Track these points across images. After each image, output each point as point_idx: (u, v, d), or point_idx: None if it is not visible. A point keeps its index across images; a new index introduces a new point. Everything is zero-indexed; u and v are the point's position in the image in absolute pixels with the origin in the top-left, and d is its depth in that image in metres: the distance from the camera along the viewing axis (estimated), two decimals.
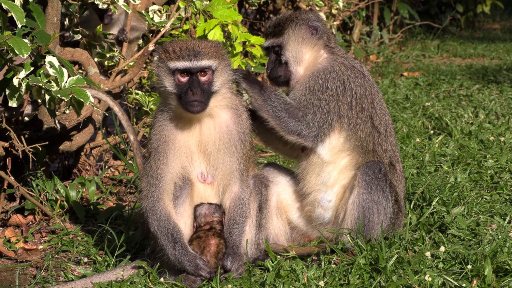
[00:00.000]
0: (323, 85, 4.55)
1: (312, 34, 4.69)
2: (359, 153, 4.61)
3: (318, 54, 4.69)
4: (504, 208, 5.22)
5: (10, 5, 4.39)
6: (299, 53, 4.67)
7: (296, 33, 4.67)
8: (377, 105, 4.67)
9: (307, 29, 4.69)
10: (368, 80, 4.68)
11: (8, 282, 4.59)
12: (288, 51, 4.68)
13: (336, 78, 4.57)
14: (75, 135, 5.80)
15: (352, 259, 4.29)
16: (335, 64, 4.62)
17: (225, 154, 4.32)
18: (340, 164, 4.64)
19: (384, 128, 4.67)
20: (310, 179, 4.68)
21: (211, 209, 4.41)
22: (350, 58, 4.74)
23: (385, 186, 4.55)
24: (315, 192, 4.69)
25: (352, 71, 4.62)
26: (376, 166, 4.54)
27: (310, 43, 4.68)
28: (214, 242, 4.32)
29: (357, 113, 4.59)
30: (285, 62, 4.69)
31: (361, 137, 4.59)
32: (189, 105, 4.15)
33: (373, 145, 4.62)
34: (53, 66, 4.58)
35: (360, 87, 4.61)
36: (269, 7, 10.39)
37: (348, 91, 4.57)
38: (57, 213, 5.50)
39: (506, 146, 6.70)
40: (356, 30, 12.40)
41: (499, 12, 19.53)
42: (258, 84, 4.57)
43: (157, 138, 4.32)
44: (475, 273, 4.01)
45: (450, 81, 10.50)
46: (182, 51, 4.15)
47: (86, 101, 4.60)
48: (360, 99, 4.60)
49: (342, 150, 4.62)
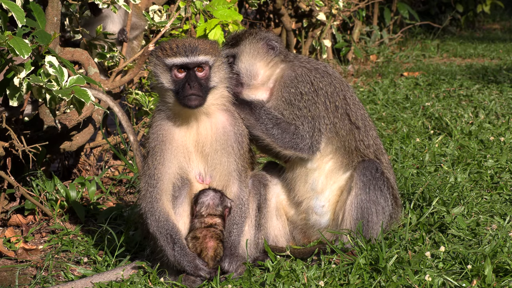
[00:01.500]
0: (296, 92, 4.50)
1: (268, 52, 4.64)
2: (342, 154, 4.60)
3: (276, 67, 4.65)
4: (504, 208, 5.22)
5: (10, 5, 4.39)
6: (252, 66, 4.61)
7: (253, 46, 4.63)
8: (350, 100, 4.64)
9: (264, 46, 4.64)
10: (335, 78, 4.65)
11: (8, 282, 4.59)
12: (241, 61, 4.62)
13: (304, 81, 4.53)
14: (75, 135, 5.80)
15: (352, 259, 4.29)
16: (296, 69, 4.59)
17: (222, 155, 4.32)
18: (325, 169, 4.62)
19: (362, 122, 4.64)
20: (299, 188, 4.68)
21: (215, 200, 4.31)
22: (312, 61, 4.69)
23: (382, 185, 4.55)
24: (306, 199, 4.68)
25: (316, 72, 4.59)
26: (372, 166, 4.54)
27: (265, 59, 4.63)
28: (212, 246, 4.28)
29: (333, 112, 4.56)
30: (236, 72, 4.62)
31: (343, 136, 4.57)
32: (186, 99, 4.14)
33: (355, 143, 4.59)
34: (52, 66, 4.58)
35: (328, 85, 4.58)
36: (269, 7, 10.39)
37: (319, 91, 4.54)
38: (57, 213, 5.50)
39: (506, 146, 6.70)
40: (356, 30, 12.40)
41: (499, 12, 19.54)
42: (247, 104, 4.52)
43: (155, 138, 4.32)
44: (475, 273, 4.01)
45: (450, 81, 10.50)
46: (179, 48, 4.16)
47: (87, 100, 4.61)
48: (332, 97, 4.57)
49: (324, 155, 4.59)
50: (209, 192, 4.34)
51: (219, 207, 4.32)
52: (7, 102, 5.17)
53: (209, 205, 4.31)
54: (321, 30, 10.64)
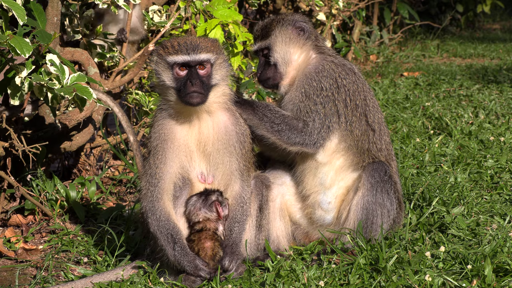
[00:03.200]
0: (317, 87, 4.53)
1: (299, 35, 4.68)
2: (353, 153, 4.60)
3: (307, 54, 4.69)
4: (504, 208, 5.22)
5: (11, 4, 4.39)
6: (287, 54, 4.66)
7: (283, 33, 4.67)
8: (370, 102, 4.66)
9: (294, 30, 4.68)
10: (359, 78, 4.67)
11: (8, 282, 4.59)
12: (276, 52, 4.67)
13: (328, 77, 4.55)
14: (75, 135, 5.80)
15: (352, 259, 4.29)
16: (325, 63, 4.61)
17: (224, 155, 4.32)
18: (335, 164, 4.63)
19: (378, 126, 4.66)
20: (308, 181, 4.68)
21: (197, 205, 4.32)
22: (339, 57, 4.74)
23: (390, 189, 4.55)
24: (314, 194, 4.68)
25: (342, 69, 4.61)
26: (382, 168, 4.54)
27: (297, 43, 4.68)
28: (209, 246, 4.28)
29: (352, 110, 4.58)
30: (274, 63, 4.68)
31: (357, 136, 4.58)
32: (188, 97, 4.14)
33: (368, 144, 4.61)
34: (54, 64, 4.58)
35: (352, 84, 4.60)
36: (269, 7, 10.39)
37: (341, 89, 4.56)
38: (57, 213, 5.50)
39: (506, 146, 6.70)
40: (356, 30, 12.39)
41: (499, 12, 19.53)
42: (249, 104, 4.53)
43: (156, 137, 4.32)
44: (475, 273, 4.01)
45: (450, 81, 10.50)
46: (180, 46, 4.16)
47: (89, 97, 4.61)
48: (354, 96, 4.59)
49: (336, 151, 4.60)
50: (192, 198, 4.35)
51: (202, 210, 4.31)
52: (7, 102, 5.17)
53: (190, 211, 4.33)
54: (321, 30, 10.64)
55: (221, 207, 4.34)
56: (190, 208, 4.33)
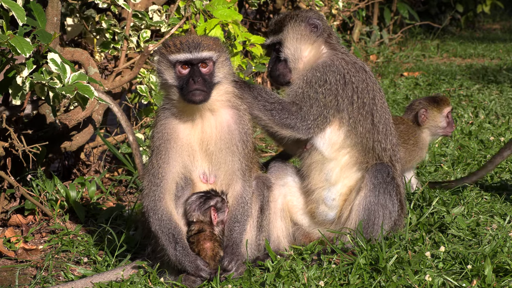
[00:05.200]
0: (321, 78, 4.53)
1: (312, 32, 4.68)
2: (359, 151, 4.60)
3: (318, 50, 4.68)
4: (504, 208, 5.22)
5: (11, 4, 4.39)
6: (298, 50, 4.66)
7: (296, 29, 4.67)
8: (379, 102, 4.65)
9: (307, 26, 4.68)
10: (371, 77, 4.67)
11: (8, 282, 4.59)
12: (286, 47, 4.68)
13: (336, 72, 4.55)
14: (75, 135, 5.80)
15: (352, 259, 4.29)
16: (335, 59, 4.60)
17: (227, 154, 4.32)
18: (341, 161, 4.63)
19: (384, 126, 4.65)
20: (314, 176, 4.67)
21: (192, 206, 4.30)
22: (351, 55, 4.73)
23: (392, 190, 4.54)
24: (319, 189, 4.68)
25: (353, 66, 4.61)
26: (385, 169, 4.53)
27: (309, 40, 4.67)
28: (209, 246, 4.27)
29: (358, 108, 4.57)
30: (284, 59, 4.69)
31: (361, 133, 4.58)
32: (190, 94, 4.14)
33: (372, 143, 4.60)
34: (55, 63, 4.58)
35: (361, 82, 4.59)
36: (269, 7, 10.39)
37: (349, 85, 4.55)
38: (57, 213, 5.50)
39: None
40: (356, 30, 12.40)
41: (499, 12, 19.54)
42: (247, 84, 4.54)
43: (159, 137, 4.32)
44: (475, 273, 4.01)
45: (450, 81, 10.50)
46: (182, 44, 4.17)
47: (91, 96, 4.61)
48: (362, 93, 4.58)
49: (342, 146, 4.60)
50: (192, 196, 4.33)
51: (196, 212, 4.29)
52: (7, 102, 5.17)
53: (186, 210, 4.32)
54: None
55: (216, 213, 4.32)
56: (186, 206, 4.32)
